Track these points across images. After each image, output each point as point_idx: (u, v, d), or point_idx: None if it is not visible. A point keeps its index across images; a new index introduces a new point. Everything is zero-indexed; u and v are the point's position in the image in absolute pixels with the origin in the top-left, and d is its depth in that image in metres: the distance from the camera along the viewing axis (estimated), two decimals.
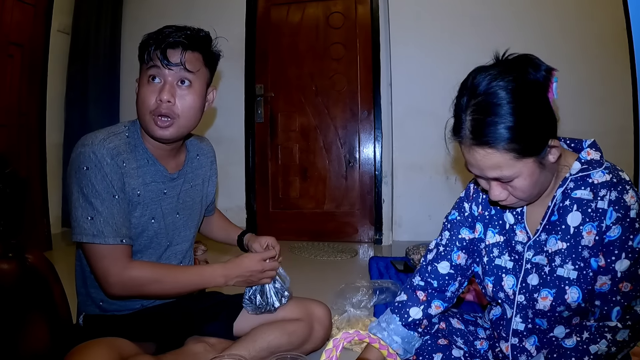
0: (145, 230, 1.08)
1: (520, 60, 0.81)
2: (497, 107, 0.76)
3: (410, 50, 2.82)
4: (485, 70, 0.80)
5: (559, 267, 0.87)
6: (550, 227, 0.89)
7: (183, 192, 1.17)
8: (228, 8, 3.11)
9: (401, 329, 1.02)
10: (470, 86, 0.80)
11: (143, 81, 1.04)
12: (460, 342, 1.05)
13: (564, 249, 0.86)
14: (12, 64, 2.56)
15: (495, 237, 0.97)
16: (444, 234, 1.06)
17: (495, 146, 0.77)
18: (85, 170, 0.96)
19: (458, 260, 1.02)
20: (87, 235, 0.96)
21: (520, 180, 0.80)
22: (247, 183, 3.16)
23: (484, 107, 0.77)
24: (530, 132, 0.77)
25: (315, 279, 2.21)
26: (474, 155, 0.80)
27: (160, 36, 1.02)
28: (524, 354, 0.94)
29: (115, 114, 3.16)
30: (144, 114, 1.03)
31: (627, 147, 2.63)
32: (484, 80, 0.78)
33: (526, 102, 0.76)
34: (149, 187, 1.08)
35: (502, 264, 0.95)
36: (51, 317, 1.00)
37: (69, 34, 3.00)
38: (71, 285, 1.12)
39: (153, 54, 1.01)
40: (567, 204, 0.87)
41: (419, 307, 1.02)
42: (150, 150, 1.09)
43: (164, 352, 1.10)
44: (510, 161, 0.77)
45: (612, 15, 2.62)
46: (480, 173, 0.83)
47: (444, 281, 1.02)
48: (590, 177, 0.85)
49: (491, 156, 0.78)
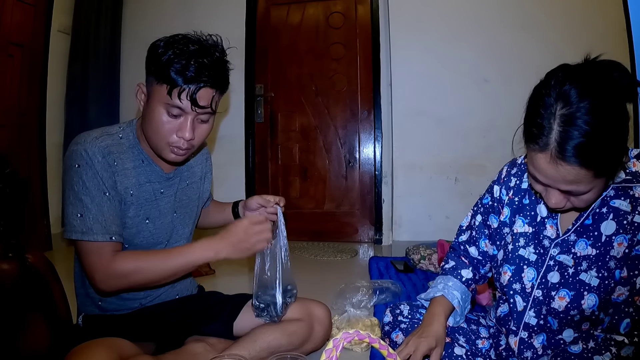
0: (140, 231, 1.08)
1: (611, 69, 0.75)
2: (590, 124, 0.70)
3: (411, 50, 2.82)
4: (575, 75, 0.74)
5: (583, 272, 0.86)
6: (582, 230, 0.88)
7: (180, 191, 1.17)
8: (228, 8, 3.11)
9: (459, 284, 1.07)
10: (562, 92, 0.73)
11: (160, 109, 0.98)
12: (462, 340, 1.06)
13: (593, 256, 0.85)
14: (12, 64, 2.57)
15: (525, 227, 0.97)
16: (476, 217, 1.09)
17: (583, 164, 0.72)
18: (77, 167, 0.97)
19: (485, 248, 1.07)
20: (76, 232, 0.96)
21: (589, 195, 0.78)
22: (247, 183, 3.16)
23: (576, 121, 0.71)
24: (616, 151, 0.74)
25: (315, 279, 2.21)
26: (556, 168, 0.74)
27: (187, 74, 0.95)
28: (530, 350, 0.94)
29: (115, 114, 3.16)
30: (159, 142, 1.02)
31: None
32: (575, 89, 0.72)
33: (616, 119, 0.72)
34: (144, 187, 1.08)
35: (525, 255, 0.95)
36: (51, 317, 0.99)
37: (69, 34, 3.00)
38: (71, 285, 1.12)
39: (181, 95, 0.96)
40: (603, 211, 0.85)
41: (468, 269, 1.09)
42: (145, 151, 1.09)
43: (163, 352, 1.10)
44: (590, 178, 0.74)
45: (612, 15, 2.62)
46: (552, 184, 0.78)
47: (475, 262, 1.10)
48: (632, 189, 0.83)
49: (574, 173, 0.73)
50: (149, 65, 1.00)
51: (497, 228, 1.03)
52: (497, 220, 1.03)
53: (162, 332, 1.13)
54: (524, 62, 2.63)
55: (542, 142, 0.74)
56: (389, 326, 1.12)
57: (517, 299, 0.95)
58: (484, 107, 2.69)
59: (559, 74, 0.75)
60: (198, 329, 1.17)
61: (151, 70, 0.99)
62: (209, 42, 1.02)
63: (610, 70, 0.74)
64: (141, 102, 1.04)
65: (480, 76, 2.67)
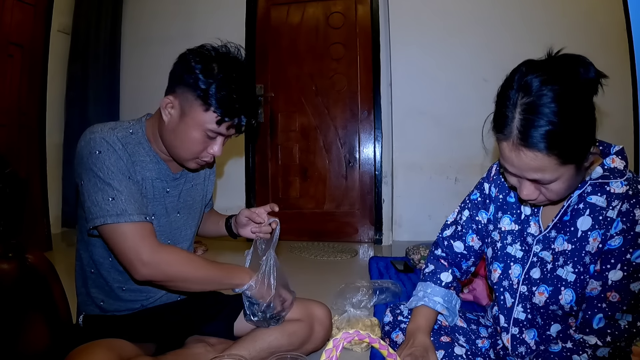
0: None
1: (574, 62, 0.77)
2: (550, 111, 0.73)
3: (410, 50, 2.82)
4: (537, 67, 0.77)
5: (560, 268, 0.87)
6: (560, 226, 0.89)
7: (184, 192, 1.17)
8: (228, 8, 3.11)
9: (438, 289, 1.07)
10: (523, 83, 0.77)
11: (199, 131, 1.00)
12: (462, 340, 1.06)
13: (569, 251, 0.87)
14: (12, 64, 2.57)
15: (512, 225, 0.99)
16: (463, 212, 1.10)
17: (544, 151, 0.74)
18: (98, 154, 0.96)
19: (472, 242, 1.08)
20: (110, 216, 0.93)
21: (557, 184, 0.79)
22: (247, 183, 3.16)
23: (536, 108, 0.74)
24: (579, 139, 0.75)
25: (315, 279, 2.21)
26: (518, 155, 0.77)
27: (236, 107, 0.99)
28: (523, 346, 0.95)
29: (115, 113, 3.16)
30: (186, 155, 1.04)
31: (627, 147, 2.61)
32: (537, 80, 0.75)
33: (577, 108, 0.74)
34: (155, 183, 1.09)
35: (512, 252, 0.97)
36: (51, 318, 0.99)
37: (69, 34, 3.01)
38: (71, 285, 1.12)
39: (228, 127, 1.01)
40: (580, 207, 0.86)
41: (447, 272, 1.09)
42: (155, 150, 1.09)
43: (164, 352, 1.10)
44: (555, 166, 0.76)
45: (612, 15, 2.62)
46: (519, 173, 0.80)
47: (458, 258, 1.10)
48: (609, 185, 0.84)
49: (537, 159, 0.75)
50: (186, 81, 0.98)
51: (486, 223, 1.06)
52: (486, 215, 1.05)
53: (162, 333, 1.12)
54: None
55: (506, 130, 0.77)
56: (389, 326, 1.13)
57: (506, 296, 0.97)
58: (484, 107, 2.67)
59: (522, 68, 0.79)
60: (198, 329, 1.17)
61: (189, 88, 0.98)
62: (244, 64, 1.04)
63: (572, 63, 0.77)
64: (169, 116, 1.02)
65: (480, 76, 2.67)
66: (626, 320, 0.78)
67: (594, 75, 0.76)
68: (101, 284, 1.09)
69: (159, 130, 1.06)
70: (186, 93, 0.98)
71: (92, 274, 1.08)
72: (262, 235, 1.21)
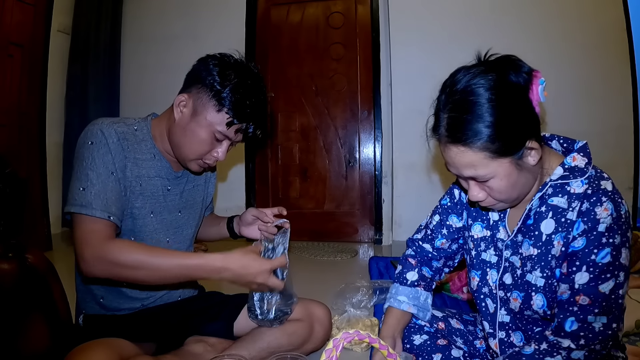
0: (146, 225, 1.08)
1: (502, 61, 0.80)
2: (473, 106, 0.76)
3: (410, 50, 2.82)
4: (466, 70, 0.80)
5: (528, 273, 0.86)
6: (525, 230, 0.88)
7: (186, 191, 1.18)
8: (228, 8, 3.11)
9: (402, 288, 1.08)
10: (450, 84, 0.81)
11: (208, 131, 1.02)
12: (459, 342, 1.06)
13: (535, 256, 0.86)
14: (12, 64, 2.57)
15: (483, 231, 0.98)
16: (434, 217, 1.10)
17: (469, 144, 0.76)
18: (90, 144, 0.97)
19: (441, 246, 1.09)
20: (75, 205, 0.93)
21: (496, 181, 0.79)
22: (247, 183, 3.16)
23: (460, 105, 0.77)
24: (505, 132, 0.76)
25: (315, 279, 2.21)
26: (449, 153, 0.81)
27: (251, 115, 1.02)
28: (512, 349, 0.94)
29: (116, 113, 3.16)
30: (190, 155, 1.05)
31: (627, 147, 2.63)
32: (463, 79, 0.78)
33: (502, 102, 0.75)
34: (152, 181, 1.09)
35: (487, 258, 0.96)
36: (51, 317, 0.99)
37: (69, 34, 3.00)
38: (71, 286, 1.12)
39: (237, 131, 1.03)
40: (542, 210, 0.85)
41: (413, 271, 1.10)
42: (158, 147, 1.10)
43: (164, 352, 1.10)
44: (484, 160, 0.77)
45: (612, 15, 2.62)
46: (457, 172, 0.83)
47: (428, 257, 1.12)
48: (569, 185, 0.83)
49: (465, 154, 0.78)
50: (204, 82, 1.00)
51: (461, 228, 1.05)
52: (459, 220, 1.05)
53: (162, 332, 1.13)
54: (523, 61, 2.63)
55: (438, 131, 0.81)
56: None
57: (488, 302, 0.96)
58: None
59: (454, 72, 0.82)
60: (198, 329, 1.17)
61: (206, 88, 1.00)
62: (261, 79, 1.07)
63: (501, 62, 0.79)
64: (180, 113, 1.04)
65: None
66: (600, 322, 0.77)
67: (524, 73, 0.78)
68: (102, 278, 1.08)
69: (167, 129, 1.08)
70: (201, 93, 1.01)
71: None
72: (266, 235, 1.22)
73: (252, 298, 1.15)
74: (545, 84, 0.80)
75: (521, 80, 0.78)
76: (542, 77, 0.80)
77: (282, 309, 1.15)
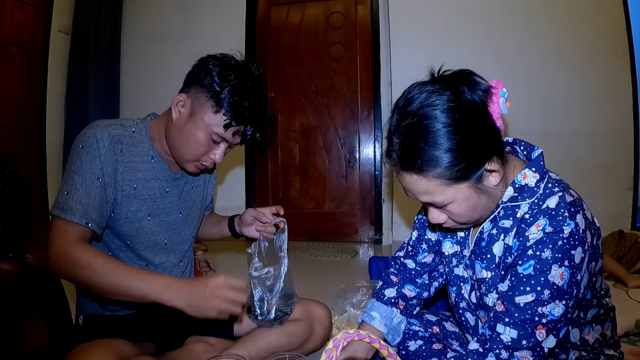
0: (142, 228, 1.07)
1: (456, 77, 0.75)
2: (427, 131, 0.71)
3: (411, 50, 2.82)
4: (420, 87, 0.75)
5: (485, 296, 0.85)
6: (478, 252, 0.87)
7: (185, 192, 1.17)
8: (228, 8, 3.11)
9: (377, 304, 1.06)
10: (402, 106, 0.76)
11: (205, 132, 1.00)
12: (455, 344, 1.05)
13: (489, 279, 0.84)
14: (12, 64, 2.57)
15: (453, 247, 0.96)
16: (413, 233, 1.09)
17: (423, 172, 0.73)
18: (80, 148, 0.96)
19: (424, 260, 1.07)
20: (57, 208, 0.93)
21: (454, 206, 0.76)
22: (247, 183, 3.16)
23: (413, 131, 0.73)
24: (462, 157, 0.72)
25: (315, 279, 2.21)
26: (402, 180, 0.77)
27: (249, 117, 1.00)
28: None
29: (115, 113, 3.16)
30: (187, 156, 1.04)
31: (627, 147, 2.63)
32: (415, 101, 0.74)
33: (459, 125, 0.71)
34: (149, 183, 1.08)
35: (459, 273, 0.94)
36: (51, 317, 1.00)
37: (69, 34, 3.00)
38: (71, 286, 1.12)
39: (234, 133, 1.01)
40: (494, 233, 0.84)
41: (392, 288, 1.08)
42: (157, 148, 1.09)
43: (164, 352, 1.10)
44: (440, 187, 0.74)
45: (612, 15, 2.62)
46: (414, 197, 0.79)
47: (411, 274, 1.09)
48: (518, 208, 0.80)
49: (419, 182, 0.74)
50: (203, 82, 0.99)
51: (437, 240, 1.03)
52: (437, 234, 1.03)
53: (162, 332, 1.12)
54: (524, 62, 2.63)
55: (392, 157, 0.77)
56: None
57: (467, 315, 0.94)
58: None
59: (406, 90, 0.77)
60: (198, 329, 1.17)
61: (205, 89, 0.99)
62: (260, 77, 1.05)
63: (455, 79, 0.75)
64: (178, 113, 1.03)
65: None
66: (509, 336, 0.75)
67: (480, 91, 0.74)
68: None
69: (165, 129, 1.07)
70: (199, 93, 1.00)
71: None
72: (265, 235, 1.22)
73: (252, 298, 1.15)
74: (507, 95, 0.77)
75: (477, 99, 0.74)
76: (503, 87, 0.76)
77: (282, 309, 1.15)
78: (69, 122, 2.97)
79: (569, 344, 0.86)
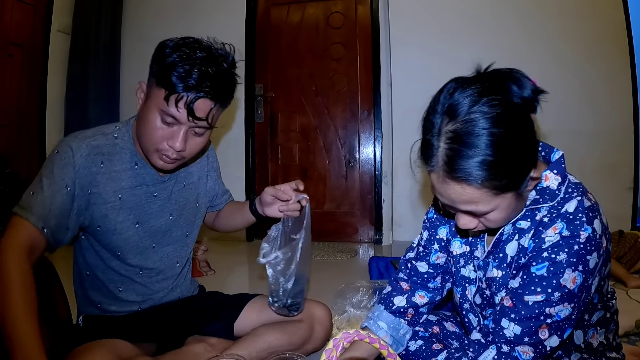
0: (130, 237, 1.06)
1: (504, 77, 0.70)
2: (478, 139, 0.66)
3: (410, 50, 2.83)
4: (464, 87, 0.69)
5: (495, 295, 0.85)
6: (495, 252, 0.86)
7: (175, 193, 1.15)
8: (228, 8, 3.11)
9: (385, 314, 1.02)
10: (448, 106, 0.69)
11: (155, 113, 0.94)
12: (456, 344, 1.05)
13: (499, 277, 0.84)
14: (12, 64, 2.57)
15: (462, 247, 0.95)
16: (423, 233, 1.04)
17: (474, 183, 0.68)
18: (55, 153, 0.95)
19: (437, 260, 1.02)
20: (18, 206, 0.90)
21: (495, 214, 0.74)
22: (247, 183, 3.16)
23: (463, 137, 0.67)
24: (514, 167, 0.68)
25: (315, 279, 2.20)
26: (446, 188, 0.71)
27: (187, 80, 0.90)
28: None
29: (115, 113, 3.15)
30: (149, 146, 0.98)
31: (628, 147, 2.63)
32: (464, 103, 0.67)
33: (511, 134, 0.67)
34: (135, 190, 1.06)
35: (466, 274, 0.94)
36: (51, 318, 0.99)
37: (69, 34, 3.00)
38: (71, 286, 1.12)
39: (178, 103, 0.91)
40: (510, 232, 0.83)
41: (402, 296, 1.03)
42: (140, 154, 1.06)
43: (164, 352, 1.10)
44: (488, 197, 0.70)
45: (612, 15, 2.62)
46: (451, 204, 0.75)
47: (424, 278, 1.03)
48: (539, 211, 0.79)
49: (467, 192, 0.69)
50: (153, 64, 0.95)
51: (448, 239, 1.00)
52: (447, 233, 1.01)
53: (162, 333, 1.12)
54: (523, 62, 2.62)
55: (432, 161, 0.71)
56: None
57: (471, 317, 0.94)
58: None
59: (448, 87, 0.72)
60: (198, 329, 1.17)
61: (153, 70, 0.94)
62: (219, 51, 0.96)
63: (505, 80, 0.70)
64: (140, 102, 1.00)
65: None
66: (512, 331, 0.75)
67: (531, 93, 0.69)
68: (98, 285, 1.09)
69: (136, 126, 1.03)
70: (151, 76, 0.95)
71: (87, 276, 1.08)
72: (289, 214, 1.14)
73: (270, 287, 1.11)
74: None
75: (528, 104, 0.70)
76: None
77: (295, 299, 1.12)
78: (69, 122, 2.97)
79: (573, 346, 0.86)
